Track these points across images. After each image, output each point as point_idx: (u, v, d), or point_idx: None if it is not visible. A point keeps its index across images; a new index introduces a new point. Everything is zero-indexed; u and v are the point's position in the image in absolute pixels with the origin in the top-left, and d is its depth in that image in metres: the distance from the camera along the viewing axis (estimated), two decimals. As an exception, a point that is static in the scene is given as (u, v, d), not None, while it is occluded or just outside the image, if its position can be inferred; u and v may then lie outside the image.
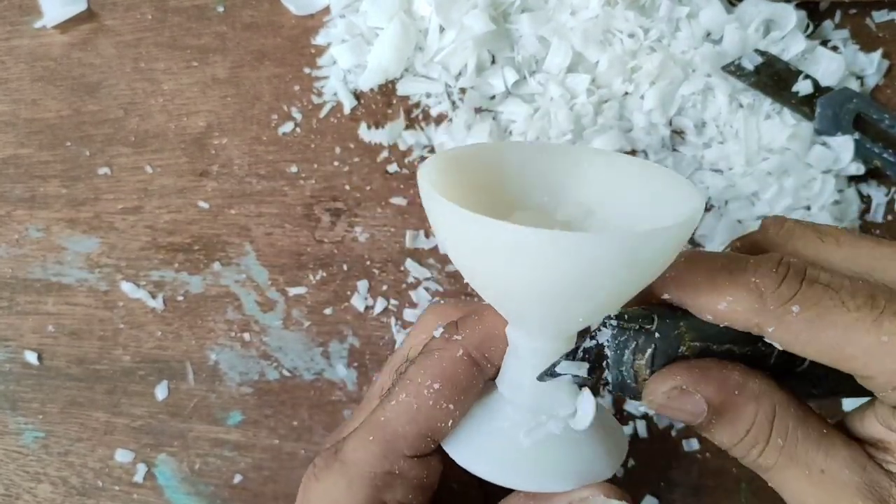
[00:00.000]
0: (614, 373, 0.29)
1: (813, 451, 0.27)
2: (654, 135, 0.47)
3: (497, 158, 0.30)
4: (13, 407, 0.50)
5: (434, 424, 0.30)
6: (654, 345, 0.28)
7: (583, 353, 0.29)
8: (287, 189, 0.50)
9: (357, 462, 0.30)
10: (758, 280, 0.27)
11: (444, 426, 0.30)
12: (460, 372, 0.30)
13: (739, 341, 0.28)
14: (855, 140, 0.46)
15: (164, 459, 0.49)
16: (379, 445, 0.30)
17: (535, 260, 0.24)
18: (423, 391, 0.30)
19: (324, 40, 0.51)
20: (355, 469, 0.30)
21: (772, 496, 0.43)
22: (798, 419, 0.27)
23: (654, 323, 0.28)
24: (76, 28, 0.53)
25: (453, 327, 0.31)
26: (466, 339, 0.31)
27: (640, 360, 0.28)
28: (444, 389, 0.30)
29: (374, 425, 0.30)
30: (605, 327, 0.29)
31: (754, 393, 0.28)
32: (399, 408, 0.30)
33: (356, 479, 0.30)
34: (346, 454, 0.30)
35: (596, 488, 0.29)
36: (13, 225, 0.52)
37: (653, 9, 0.47)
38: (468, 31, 0.47)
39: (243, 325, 0.49)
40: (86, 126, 0.52)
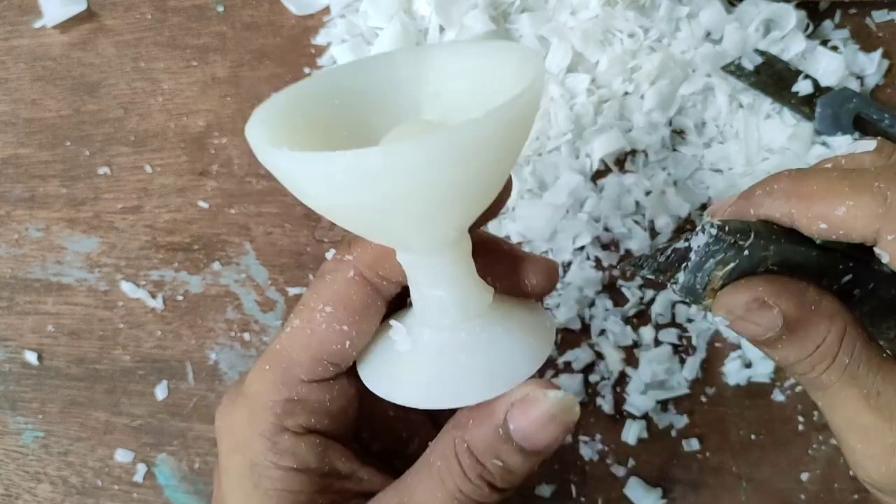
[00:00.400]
0: (689, 276, 0.29)
1: (873, 374, 0.27)
2: (654, 135, 0.47)
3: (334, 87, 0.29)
4: (13, 407, 0.50)
5: (329, 347, 0.30)
6: (738, 260, 0.28)
7: (671, 253, 0.29)
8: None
9: (256, 393, 0.30)
10: (882, 184, 0.25)
11: (341, 348, 0.30)
12: (352, 292, 0.30)
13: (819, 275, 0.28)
14: (855, 140, 0.46)
15: (164, 459, 0.49)
16: (275, 373, 0.30)
17: (382, 180, 0.22)
18: (316, 315, 0.30)
19: (324, 40, 0.51)
20: (255, 400, 0.30)
21: (770, 494, 0.43)
22: (863, 340, 0.27)
23: (749, 239, 0.28)
24: (76, 28, 0.53)
25: (345, 247, 0.30)
26: (358, 258, 0.30)
27: (720, 271, 0.28)
28: (336, 312, 0.29)
29: (271, 354, 0.30)
30: (702, 233, 0.28)
31: (829, 311, 0.27)
32: (293, 334, 0.30)
33: (257, 409, 0.30)
34: (246, 387, 0.30)
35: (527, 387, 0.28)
36: (13, 225, 0.52)
37: (653, 9, 0.48)
38: (468, 31, 0.47)
39: (243, 324, 0.49)
40: (85, 126, 0.52)
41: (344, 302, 0.30)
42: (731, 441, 0.45)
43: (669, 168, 0.47)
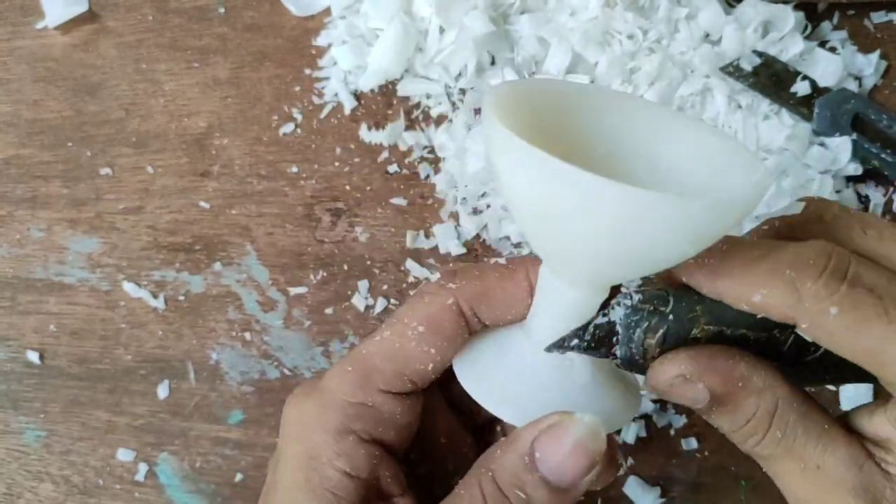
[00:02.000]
0: (624, 349, 0.29)
1: (811, 447, 0.27)
2: (653, 135, 0.47)
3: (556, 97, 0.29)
4: (15, 406, 0.51)
5: (413, 365, 0.30)
6: (666, 326, 0.28)
7: (594, 329, 0.29)
8: (288, 189, 0.50)
9: (332, 389, 0.31)
10: (794, 274, 0.25)
11: (423, 368, 0.31)
12: (446, 319, 0.30)
13: (755, 327, 0.28)
14: (853, 140, 0.46)
15: (166, 458, 0.49)
16: (355, 376, 0.31)
17: (604, 211, 0.23)
18: (408, 332, 0.30)
19: (324, 41, 0.51)
20: (329, 395, 0.31)
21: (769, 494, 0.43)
22: (800, 414, 0.27)
23: (669, 305, 0.28)
24: (78, 29, 0.53)
25: (450, 275, 0.31)
26: (460, 289, 0.31)
27: (651, 339, 0.28)
28: (428, 333, 0.30)
29: (355, 357, 0.31)
30: (618, 306, 0.29)
31: (757, 387, 0.27)
32: (381, 343, 0.31)
33: (329, 404, 0.30)
34: (324, 382, 0.31)
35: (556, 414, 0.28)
36: (15, 225, 0.52)
37: (652, 10, 0.48)
38: (468, 32, 0.47)
39: (244, 324, 0.49)
40: (87, 126, 0.52)
41: (437, 326, 0.30)
42: (729, 441, 0.45)
43: (668, 168, 0.48)
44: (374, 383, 0.31)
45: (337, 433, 0.30)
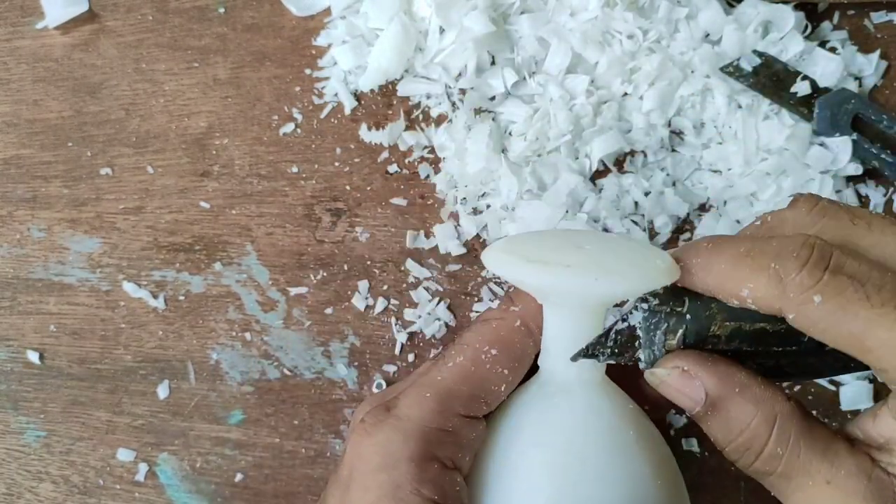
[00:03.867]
0: (647, 352, 0.29)
1: (817, 462, 0.27)
2: (652, 135, 0.47)
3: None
4: (15, 406, 0.51)
5: (488, 387, 0.31)
6: (685, 325, 0.29)
7: (615, 336, 0.30)
8: (288, 189, 0.50)
9: (412, 417, 0.30)
10: (778, 266, 0.26)
11: (498, 390, 0.31)
12: (517, 340, 0.32)
13: (772, 320, 0.28)
14: (853, 141, 0.46)
15: (166, 458, 0.49)
16: (435, 402, 0.31)
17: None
18: (481, 356, 0.31)
19: (324, 41, 0.51)
20: (410, 424, 0.30)
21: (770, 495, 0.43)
22: (802, 430, 0.27)
23: (685, 305, 0.29)
24: (77, 29, 0.53)
25: (509, 300, 0.33)
26: (524, 311, 0.32)
27: (672, 339, 0.29)
28: (500, 355, 0.31)
29: (431, 383, 0.31)
30: (636, 310, 0.29)
31: (755, 397, 0.28)
32: (456, 369, 0.31)
33: (411, 433, 0.30)
34: (400, 410, 0.31)
35: None
36: (15, 225, 0.52)
37: (652, 10, 0.48)
38: (468, 32, 0.47)
39: (244, 324, 0.49)
40: (87, 127, 0.52)
41: (509, 347, 0.32)
42: (729, 440, 0.45)
43: (668, 168, 0.48)
44: (453, 408, 0.31)
45: (421, 461, 0.30)
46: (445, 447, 0.30)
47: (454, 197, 0.49)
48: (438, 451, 0.30)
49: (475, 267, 0.49)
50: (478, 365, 0.31)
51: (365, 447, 0.31)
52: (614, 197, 0.47)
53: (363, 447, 0.31)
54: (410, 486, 0.29)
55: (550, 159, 0.47)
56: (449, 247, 0.48)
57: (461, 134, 0.48)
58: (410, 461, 0.30)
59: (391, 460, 0.30)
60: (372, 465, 0.30)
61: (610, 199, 0.47)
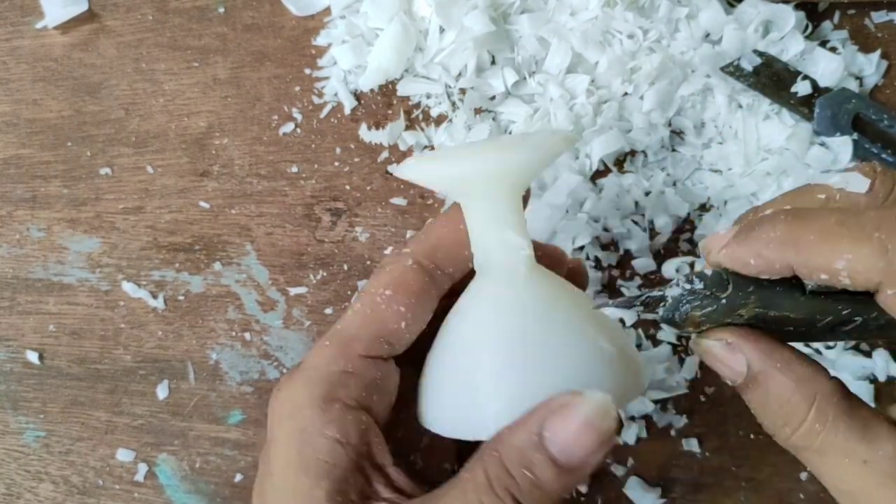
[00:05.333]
0: (667, 312, 0.29)
1: (855, 442, 0.27)
2: (653, 135, 0.47)
3: None
4: (14, 406, 0.51)
5: (387, 326, 0.32)
6: (715, 307, 0.29)
7: (647, 298, 0.30)
8: (288, 189, 0.50)
9: (314, 365, 0.32)
10: (882, 235, 0.25)
11: (397, 328, 0.32)
12: (410, 278, 0.33)
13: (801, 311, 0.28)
14: (853, 140, 0.46)
15: (165, 458, 0.49)
16: (334, 347, 0.32)
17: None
18: (377, 298, 0.32)
19: (324, 41, 0.51)
20: (313, 371, 0.32)
21: (770, 495, 0.43)
22: (842, 409, 0.27)
23: (726, 291, 0.29)
24: (77, 29, 0.53)
25: (403, 245, 0.34)
26: (415, 249, 0.33)
27: (697, 311, 0.29)
28: (395, 294, 0.32)
29: (332, 333, 0.33)
30: (676, 286, 0.29)
31: (796, 374, 0.28)
32: (354, 315, 0.33)
33: (313, 379, 0.32)
34: (304, 362, 0.32)
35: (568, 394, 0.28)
36: (14, 225, 0.52)
37: (652, 10, 0.48)
38: (468, 31, 0.47)
39: (244, 324, 0.49)
40: (87, 126, 0.52)
41: (403, 286, 0.32)
42: (730, 441, 0.45)
43: (668, 168, 0.47)
44: (353, 350, 0.32)
45: (323, 402, 0.31)
46: (348, 388, 0.31)
47: (454, 197, 0.49)
48: (339, 391, 0.31)
49: (475, 267, 0.48)
50: (373, 307, 0.32)
51: (275, 401, 0.32)
52: (614, 197, 0.47)
53: (275, 402, 0.32)
54: (314, 428, 0.31)
55: (550, 159, 0.47)
56: (449, 247, 0.48)
57: (461, 134, 0.48)
58: (313, 405, 0.31)
59: (296, 406, 0.31)
60: (282, 415, 0.32)
61: (610, 199, 0.47)
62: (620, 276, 0.47)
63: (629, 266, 0.47)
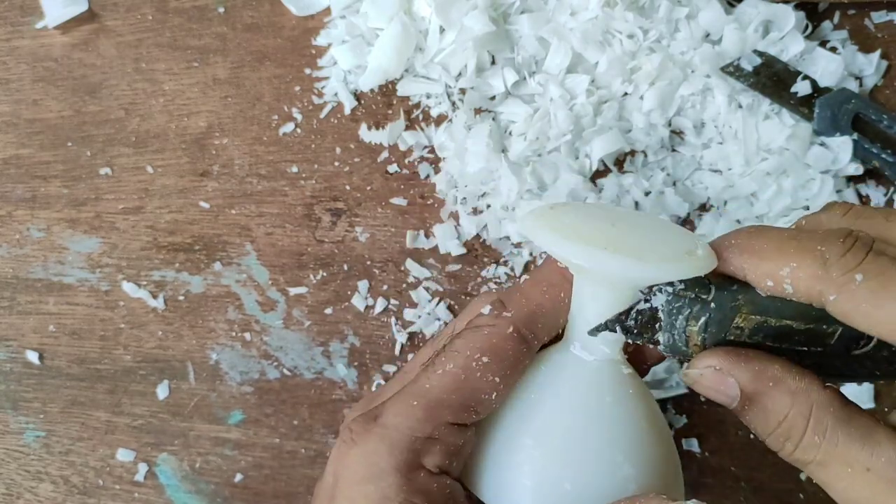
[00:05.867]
0: (667, 335, 0.29)
1: (857, 450, 0.27)
2: (653, 135, 0.47)
3: None
4: (14, 406, 0.51)
5: (478, 396, 0.31)
6: (708, 314, 0.29)
7: (636, 315, 0.30)
8: (288, 189, 0.50)
9: (398, 426, 0.30)
10: (823, 248, 0.27)
11: (488, 398, 0.31)
12: (509, 347, 0.31)
13: (799, 317, 0.28)
14: (853, 140, 0.46)
15: (165, 458, 0.49)
16: (422, 411, 0.30)
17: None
18: (472, 363, 0.31)
19: (324, 41, 0.51)
20: (396, 433, 0.30)
21: (770, 495, 0.43)
22: (840, 418, 0.27)
23: (710, 293, 0.29)
24: (77, 29, 0.53)
25: (500, 305, 0.32)
26: (516, 316, 0.31)
27: (693, 326, 0.29)
28: (491, 363, 0.31)
29: (419, 392, 0.31)
30: (660, 292, 0.29)
31: (790, 389, 0.28)
32: (445, 377, 0.31)
33: (397, 442, 0.30)
34: (386, 418, 0.30)
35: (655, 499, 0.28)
36: (14, 225, 0.52)
37: (652, 10, 0.48)
38: (468, 31, 0.47)
39: (244, 324, 0.49)
40: (87, 126, 0.52)
41: (501, 355, 0.31)
42: (730, 441, 0.45)
43: (668, 168, 0.47)
44: (441, 416, 0.30)
45: (408, 471, 0.30)
46: (433, 455, 0.30)
47: (454, 197, 0.49)
48: (425, 459, 0.30)
49: (475, 267, 0.48)
50: (468, 373, 0.31)
51: (350, 457, 0.30)
52: (614, 197, 0.47)
53: (349, 457, 0.30)
54: (399, 498, 0.29)
55: (550, 159, 0.47)
56: (449, 247, 0.48)
57: (461, 134, 0.48)
58: (397, 472, 0.29)
59: (377, 471, 0.30)
60: (358, 477, 0.30)
61: (610, 199, 0.47)
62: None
63: (629, 266, 0.47)
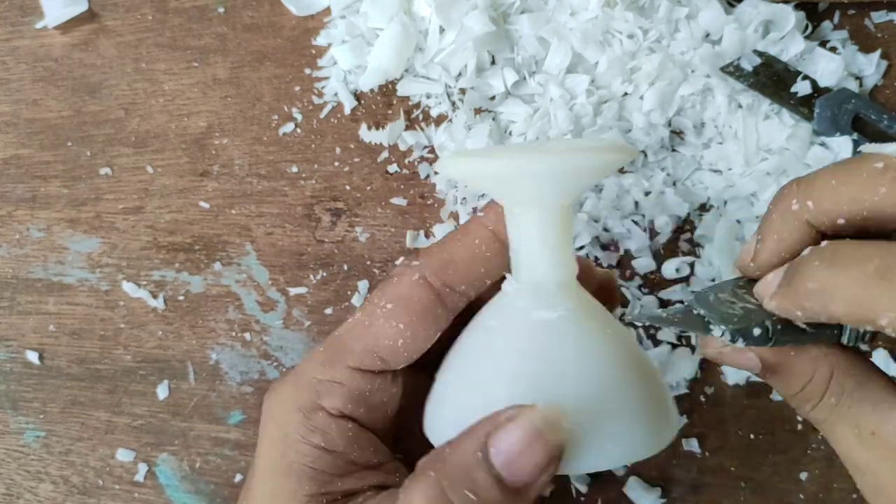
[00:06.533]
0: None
1: (867, 413, 0.27)
2: (653, 135, 0.47)
3: None
4: (14, 406, 0.51)
5: (381, 341, 0.31)
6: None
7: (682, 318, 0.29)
8: (287, 189, 0.50)
9: (304, 370, 0.32)
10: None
11: (392, 344, 0.31)
12: (414, 294, 0.31)
13: None
14: (853, 140, 0.46)
15: (165, 458, 0.49)
16: (326, 355, 0.32)
17: None
18: (377, 310, 0.32)
19: (324, 41, 0.51)
20: (301, 377, 0.32)
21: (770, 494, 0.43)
22: (857, 382, 0.27)
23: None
24: (77, 28, 0.53)
25: (414, 255, 0.33)
26: (424, 264, 0.32)
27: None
28: (396, 309, 0.31)
29: (328, 341, 0.33)
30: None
31: (811, 355, 0.28)
32: (352, 324, 0.32)
33: (300, 385, 0.32)
34: (298, 367, 0.33)
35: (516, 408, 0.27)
36: (14, 225, 0.52)
37: (652, 10, 0.48)
38: (468, 31, 0.47)
39: (244, 324, 0.49)
40: (87, 126, 0.52)
41: (405, 302, 0.31)
42: (730, 441, 0.45)
43: (668, 168, 0.47)
44: (343, 361, 0.32)
45: (308, 410, 0.31)
46: (332, 397, 0.32)
47: (454, 197, 0.49)
48: (324, 400, 0.32)
49: (475, 267, 0.48)
50: (372, 319, 0.31)
51: (266, 402, 0.33)
52: (614, 197, 0.47)
53: (266, 403, 0.33)
54: (297, 434, 0.31)
55: (550, 159, 0.47)
56: (449, 247, 0.48)
57: (461, 134, 0.48)
58: (298, 411, 0.31)
59: (281, 411, 0.32)
60: (268, 417, 0.33)
61: (610, 199, 0.47)
62: (621, 277, 0.47)
63: (629, 266, 0.47)
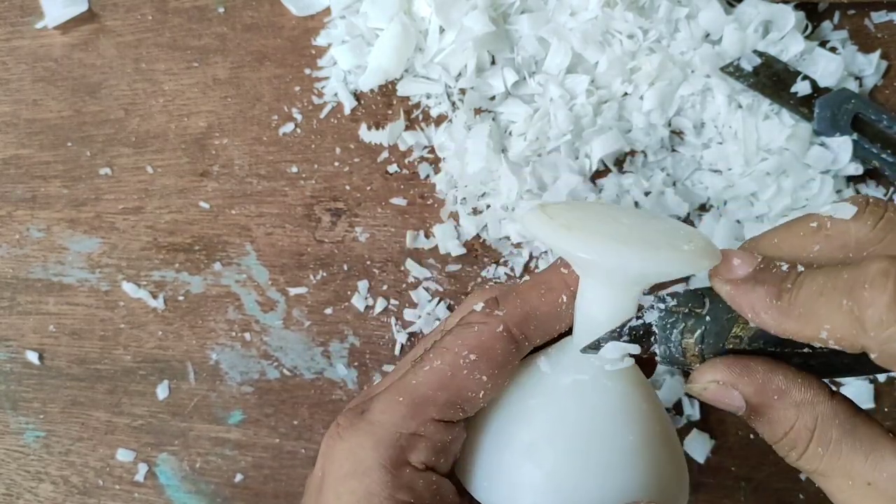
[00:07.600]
0: (662, 347, 0.29)
1: (860, 464, 0.26)
2: (653, 135, 0.47)
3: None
4: (14, 406, 0.51)
5: (465, 394, 0.30)
6: (704, 326, 0.28)
7: (629, 331, 0.29)
8: (287, 189, 0.50)
9: (384, 422, 0.30)
10: (852, 303, 0.24)
11: (475, 396, 0.31)
12: (498, 346, 0.31)
13: None
14: (853, 140, 0.46)
15: (165, 458, 0.49)
16: (408, 407, 0.30)
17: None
18: (459, 360, 0.30)
19: (324, 41, 0.51)
20: (381, 429, 0.30)
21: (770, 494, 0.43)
22: (845, 430, 0.27)
23: (705, 307, 0.28)
24: (77, 29, 0.53)
25: (494, 303, 0.32)
26: (507, 315, 0.31)
27: (689, 338, 0.28)
28: (479, 361, 0.30)
29: (405, 388, 0.31)
30: (652, 309, 0.29)
31: (795, 401, 0.27)
32: (432, 373, 0.31)
33: (382, 438, 0.30)
34: (372, 414, 0.31)
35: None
36: (14, 225, 0.52)
37: (652, 10, 0.48)
38: (468, 32, 0.47)
39: (244, 324, 0.49)
40: (87, 126, 0.52)
41: (489, 354, 0.31)
42: (730, 441, 0.45)
43: (668, 168, 0.47)
44: (426, 413, 0.30)
45: (394, 466, 0.30)
46: (418, 452, 0.30)
47: (454, 197, 0.49)
48: (411, 455, 0.30)
49: (475, 267, 0.48)
50: (455, 370, 0.30)
51: (337, 451, 0.31)
52: (614, 197, 0.47)
53: (335, 451, 0.31)
54: (384, 493, 0.29)
55: (550, 159, 0.47)
56: (449, 247, 0.48)
57: (461, 134, 0.48)
58: (382, 467, 0.30)
59: (362, 467, 0.30)
60: (343, 471, 0.30)
61: (610, 199, 0.47)
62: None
63: (629, 266, 0.47)
